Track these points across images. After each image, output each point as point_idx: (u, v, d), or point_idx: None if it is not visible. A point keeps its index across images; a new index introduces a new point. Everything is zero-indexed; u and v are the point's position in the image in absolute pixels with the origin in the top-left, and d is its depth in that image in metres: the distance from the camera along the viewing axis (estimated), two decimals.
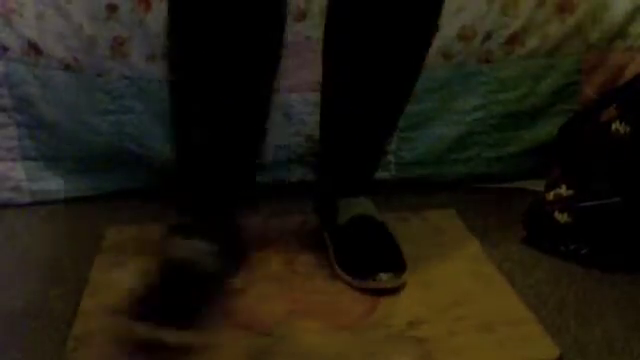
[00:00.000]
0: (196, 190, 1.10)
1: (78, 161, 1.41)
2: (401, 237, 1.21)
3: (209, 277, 0.98)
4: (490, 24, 1.39)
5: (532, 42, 1.41)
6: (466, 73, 1.42)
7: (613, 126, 1.23)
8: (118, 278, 1.12)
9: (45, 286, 1.14)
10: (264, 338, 0.98)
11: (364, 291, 1.08)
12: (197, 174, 1.08)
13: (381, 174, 1.47)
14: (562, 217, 1.21)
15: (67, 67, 1.34)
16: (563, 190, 1.24)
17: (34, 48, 1.33)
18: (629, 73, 1.45)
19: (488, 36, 1.40)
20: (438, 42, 1.38)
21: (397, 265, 1.10)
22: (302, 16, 1.33)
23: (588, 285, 1.14)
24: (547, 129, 1.47)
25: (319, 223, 1.22)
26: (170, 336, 0.89)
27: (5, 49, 1.33)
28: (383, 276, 1.07)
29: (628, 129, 1.21)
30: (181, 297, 0.93)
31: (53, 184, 1.41)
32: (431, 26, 1.08)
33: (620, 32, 1.43)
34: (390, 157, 1.46)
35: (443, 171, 1.49)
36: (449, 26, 1.38)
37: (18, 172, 1.40)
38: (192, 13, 1.01)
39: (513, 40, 1.41)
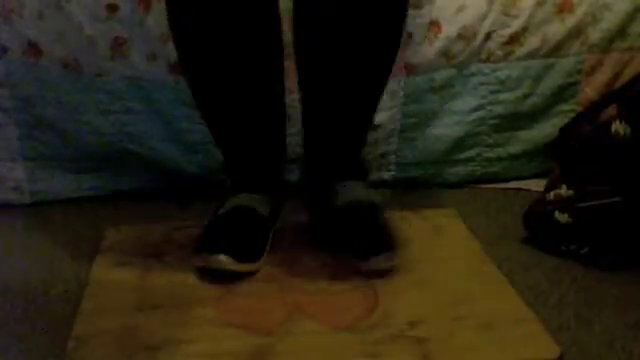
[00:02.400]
0: (239, 163, 1.24)
1: (78, 161, 1.41)
2: (401, 237, 1.21)
3: (263, 219, 1.18)
4: (490, 24, 1.39)
5: (532, 42, 1.41)
6: (466, 73, 1.42)
7: (613, 126, 1.23)
8: (118, 278, 1.12)
9: (45, 286, 1.14)
10: (264, 338, 0.98)
11: (363, 273, 1.11)
12: (233, 153, 1.23)
13: (381, 174, 1.47)
14: (562, 217, 1.21)
15: (67, 67, 1.34)
16: (563, 190, 1.24)
17: (34, 48, 1.33)
18: (629, 73, 1.45)
19: (488, 36, 1.40)
20: (438, 42, 1.38)
21: (388, 247, 1.13)
22: None
23: (588, 285, 1.14)
24: (547, 129, 1.47)
25: (308, 207, 1.27)
26: (227, 264, 1.08)
27: (5, 49, 1.33)
28: (377, 258, 1.11)
29: (628, 129, 1.22)
30: (242, 234, 1.13)
31: (53, 184, 1.41)
32: (399, 18, 1.10)
33: (620, 32, 1.44)
34: (390, 157, 1.46)
35: (443, 171, 1.49)
36: (449, 26, 1.38)
37: (18, 172, 1.40)
38: (189, 15, 1.06)
39: (513, 40, 1.41)
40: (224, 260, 1.07)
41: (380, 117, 1.41)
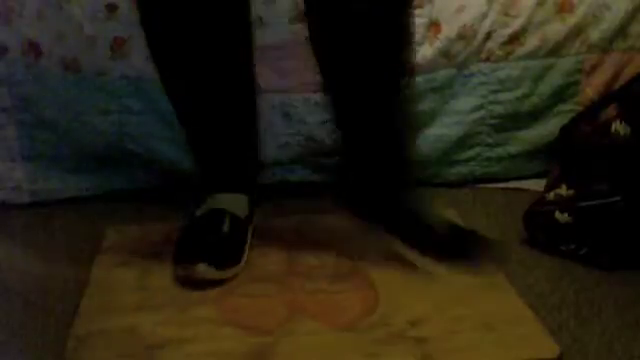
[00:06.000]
0: (209, 161, 1.25)
1: (78, 161, 1.41)
2: None
3: (240, 221, 1.17)
4: (490, 24, 1.39)
5: (532, 42, 1.41)
6: (466, 73, 1.42)
7: (613, 126, 1.23)
8: (118, 278, 1.12)
9: (45, 286, 1.14)
10: (264, 338, 0.98)
11: None
12: (207, 153, 1.24)
13: None
14: (562, 217, 1.21)
15: (67, 67, 1.34)
16: (563, 190, 1.24)
17: (34, 48, 1.33)
18: (629, 73, 1.45)
19: (488, 36, 1.40)
20: (438, 42, 1.38)
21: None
22: (302, 16, 1.33)
23: (588, 284, 1.14)
24: (547, 129, 1.47)
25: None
26: (208, 273, 1.07)
27: (5, 49, 1.33)
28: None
29: (628, 129, 1.22)
30: (220, 240, 1.13)
31: (53, 184, 1.41)
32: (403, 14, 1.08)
33: (620, 32, 1.44)
34: None
35: (443, 171, 1.49)
36: (449, 26, 1.38)
37: (18, 172, 1.40)
38: (159, 16, 1.09)
39: (513, 40, 1.41)
40: (204, 270, 1.07)
41: None
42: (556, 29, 1.41)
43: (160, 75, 1.16)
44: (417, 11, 1.36)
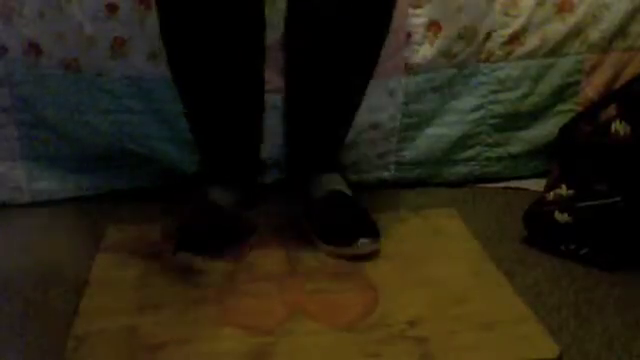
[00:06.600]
0: (213, 158, 1.30)
1: (78, 161, 1.41)
2: (401, 237, 1.21)
3: (234, 217, 1.22)
4: (490, 24, 1.39)
5: (532, 42, 1.41)
6: (466, 73, 1.42)
7: (613, 126, 1.23)
8: (118, 278, 1.12)
9: (45, 286, 1.14)
10: (264, 338, 0.98)
11: (346, 258, 1.16)
12: (209, 149, 1.29)
13: (381, 174, 1.47)
14: (562, 217, 1.22)
15: (67, 67, 1.34)
16: (563, 190, 1.24)
17: (34, 48, 1.33)
18: (629, 73, 1.45)
19: (488, 36, 1.40)
20: (438, 42, 1.38)
21: (373, 232, 1.17)
22: None
23: (588, 285, 1.14)
24: (547, 129, 1.47)
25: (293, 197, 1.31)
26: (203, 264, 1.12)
27: (5, 49, 1.32)
28: (362, 241, 1.16)
29: (628, 129, 1.22)
30: (213, 233, 1.17)
31: (53, 184, 1.41)
32: (384, 24, 1.14)
33: (620, 32, 1.44)
34: (390, 157, 1.46)
35: (443, 171, 1.49)
36: (449, 26, 1.38)
37: (18, 172, 1.40)
38: (178, 16, 1.10)
39: (513, 40, 1.41)
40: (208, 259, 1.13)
41: (380, 117, 1.41)
42: (556, 29, 1.41)
43: (172, 72, 1.19)
44: (417, 11, 1.36)
